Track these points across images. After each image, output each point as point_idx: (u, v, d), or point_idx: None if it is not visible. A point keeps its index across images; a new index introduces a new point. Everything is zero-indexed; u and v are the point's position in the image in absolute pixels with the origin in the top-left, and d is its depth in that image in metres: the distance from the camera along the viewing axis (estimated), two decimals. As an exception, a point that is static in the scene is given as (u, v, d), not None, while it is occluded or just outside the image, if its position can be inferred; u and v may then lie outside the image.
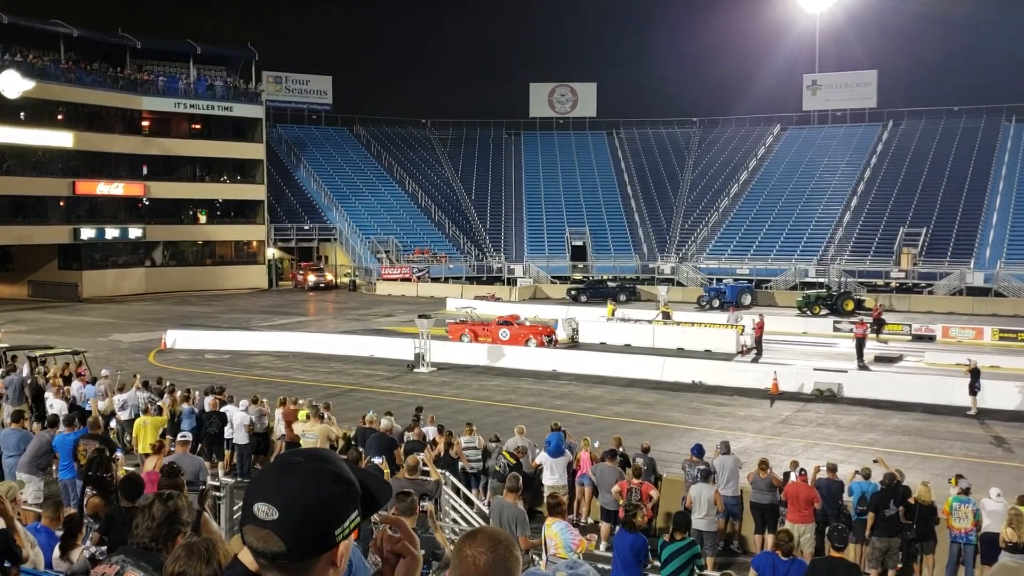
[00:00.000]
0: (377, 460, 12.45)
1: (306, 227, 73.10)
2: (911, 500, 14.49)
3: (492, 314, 44.35)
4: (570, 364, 33.86)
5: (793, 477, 15.14)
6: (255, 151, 71.20)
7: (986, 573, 13.24)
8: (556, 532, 9.45)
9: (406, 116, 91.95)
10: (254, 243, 72.03)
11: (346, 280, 71.00)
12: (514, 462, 16.38)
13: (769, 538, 14.30)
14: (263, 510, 1.82)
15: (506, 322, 39.36)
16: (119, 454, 11.66)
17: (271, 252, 72.53)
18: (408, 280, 67.21)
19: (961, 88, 79.83)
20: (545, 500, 10.28)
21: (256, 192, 71.38)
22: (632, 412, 26.69)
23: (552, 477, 16.42)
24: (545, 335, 38.31)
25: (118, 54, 67.54)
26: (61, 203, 62.85)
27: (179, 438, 13.48)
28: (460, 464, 17.18)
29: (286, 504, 1.82)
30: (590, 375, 32.36)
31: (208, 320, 48.60)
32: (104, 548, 7.00)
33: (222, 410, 19.93)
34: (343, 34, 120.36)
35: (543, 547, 9.73)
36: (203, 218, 70.74)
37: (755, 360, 35.52)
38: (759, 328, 37.02)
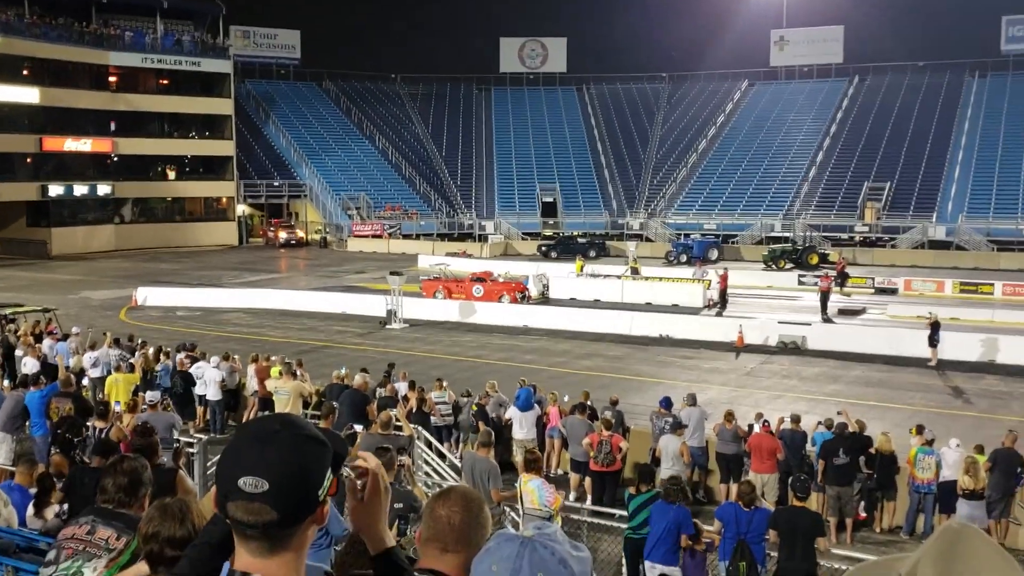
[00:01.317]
0: (359, 428, 12.48)
1: (276, 183, 72.22)
2: (872, 450, 14.77)
3: (465, 271, 44.25)
4: (541, 319, 33.98)
5: (757, 428, 15.36)
6: (223, 107, 70.00)
7: (944, 521, 13.57)
8: (532, 489, 9.54)
9: (375, 71, 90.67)
10: (224, 199, 71.10)
11: (317, 237, 70.31)
12: (475, 410, 16.59)
13: (734, 488, 14.56)
14: (251, 483, 1.82)
15: (480, 279, 39.35)
16: (92, 421, 11.56)
17: (241, 209, 71.70)
18: (379, 237, 66.74)
19: (926, 43, 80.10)
20: (523, 456, 10.32)
21: (225, 148, 70.30)
22: (601, 366, 26.90)
23: (521, 431, 16.54)
24: (518, 291, 38.39)
25: (84, 8, 65.70)
26: (28, 160, 61.54)
27: (147, 399, 13.42)
28: (432, 419, 17.27)
29: (274, 474, 1.82)
30: (560, 330, 32.49)
31: (179, 277, 48.11)
32: (65, 507, 6.98)
33: (193, 368, 19.83)
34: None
35: (519, 501, 9.83)
36: (172, 174, 69.65)
37: (719, 314, 35.86)
38: (723, 280, 37.32)
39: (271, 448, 1.85)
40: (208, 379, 19.58)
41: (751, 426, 16.03)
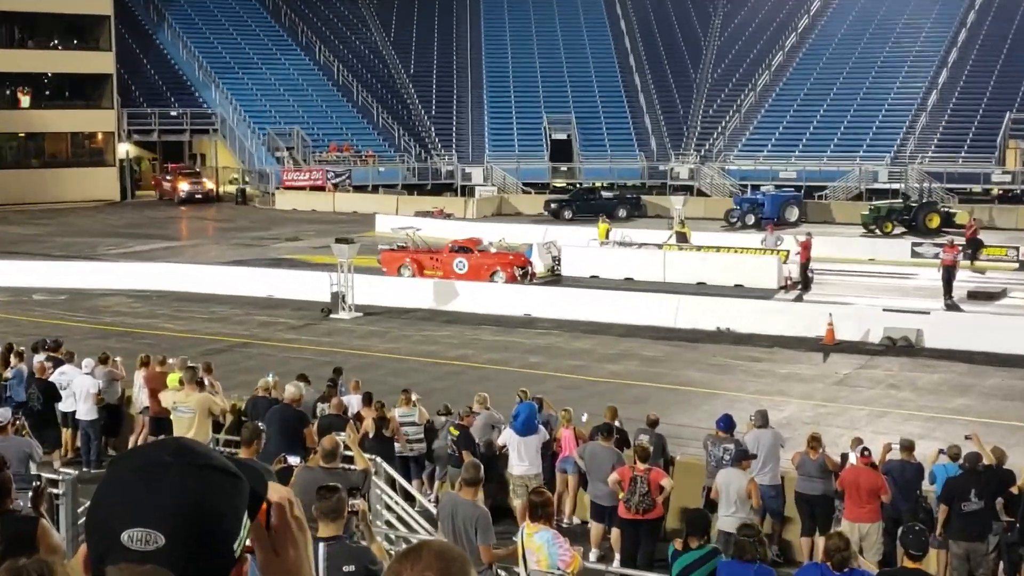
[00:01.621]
0: (294, 460, 12.47)
1: (174, 113, 72.22)
2: (1014, 489, 14.81)
3: (443, 237, 44.39)
4: (549, 306, 34.12)
5: (853, 459, 15.39)
6: (99, 4, 69.70)
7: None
8: (541, 545, 9.56)
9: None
10: (100, 136, 71.07)
11: (232, 189, 70.43)
12: (456, 434, 16.65)
13: (820, 542, 14.60)
14: (139, 537, 1.81)
15: (463, 248, 39.47)
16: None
17: (124, 149, 71.61)
18: (321, 189, 66.92)
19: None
20: (526, 499, 10.37)
21: (101, 63, 70.05)
22: (634, 372, 27.00)
23: (521, 464, 16.56)
24: (517, 266, 38.51)
25: None
26: None
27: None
28: (397, 446, 17.32)
29: (171, 524, 1.82)
30: (577, 321, 32.62)
31: (37, 246, 48.05)
32: None
33: (56, 376, 19.81)
34: None
35: (520, 561, 9.86)
36: (25, 100, 69.46)
37: (801, 297, 35.92)
38: (805, 250, 37.42)
39: (165, 487, 1.84)
40: (78, 390, 19.50)
41: (845, 456, 16.07)
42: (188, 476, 1.86)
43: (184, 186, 68.37)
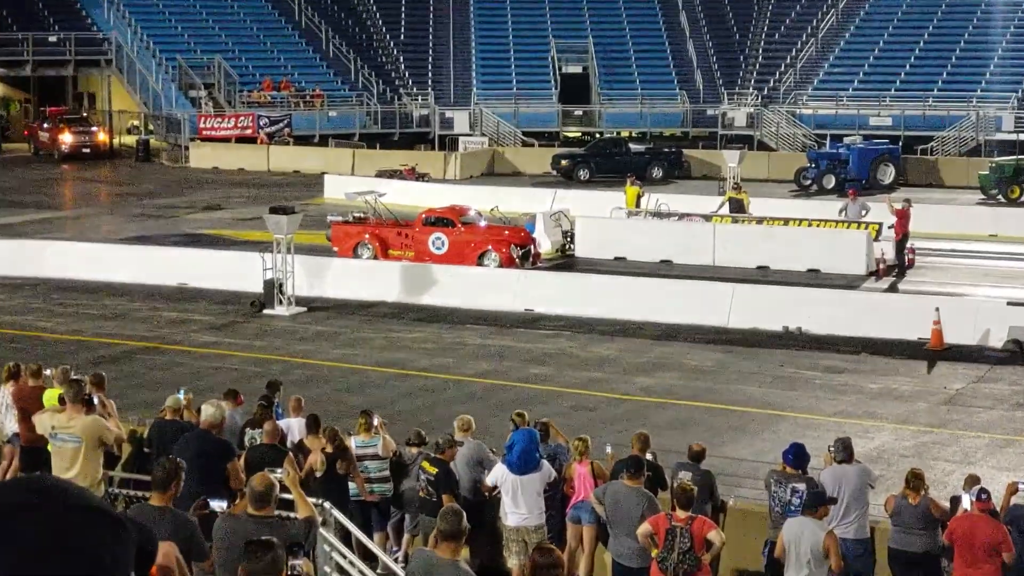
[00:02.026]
0: (217, 504, 12.42)
1: (53, 39, 72.08)
2: None
3: (415, 205, 44.36)
4: (558, 298, 34.16)
5: (967, 504, 15.38)
6: None
7: None
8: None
9: None
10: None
11: (132, 141, 70.33)
12: (434, 472, 16.59)
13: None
14: None
15: (441, 220, 39.44)
16: None
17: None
18: (251, 141, 66.98)
19: None
20: (526, 559, 10.36)
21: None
22: (672, 386, 27.02)
23: (518, 511, 16.52)
24: (514, 244, 38.48)
25: None
26: None
27: None
28: (353, 487, 17.29)
29: (35, 574, 1.86)
30: (595, 319, 32.69)
31: None
32: None
33: None
34: None
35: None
36: None
37: (896, 286, 35.98)
38: (902, 221, 37.26)
39: (28, 535, 1.86)
40: (-75, 412, 19.50)
41: (956, 500, 16.05)
42: (58, 520, 1.87)
43: (67, 137, 68.31)
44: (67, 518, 1.93)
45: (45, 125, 70.34)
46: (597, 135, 68.35)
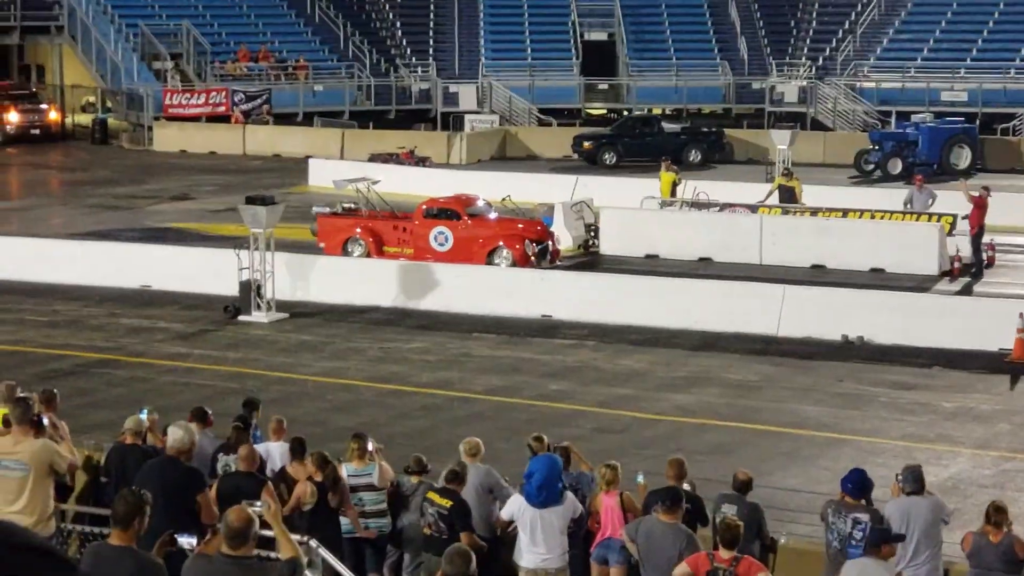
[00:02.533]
0: (186, 541, 12.38)
1: (-4, 3, 72.19)
2: None
3: (414, 194, 44.42)
4: (580, 302, 34.16)
5: (1058, 543, 15.34)
6: None
7: None
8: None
9: None
10: None
11: (88, 120, 70.36)
12: (447, 504, 16.50)
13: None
14: None
15: (445, 212, 39.43)
16: None
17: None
18: (225, 120, 67.15)
19: None
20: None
21: None
22: (714, 406, 26.97)
23: (536, 550, 16.50)
24: (529, 239, 38.48)
25: None
26: None
27: None
28: (345, 522, 17.26)
29: None
30: (623, 326, 32.72)
31: None
32: None
33: None
34: None
35: None
36: None
37: (972, 287, 35.92)
38: (978, 211, 36.99)
39: None
40: None
41: (1044, 538, 16.01)
42: None
43: (13, 116, 68.42)
44: (8, 561, 1.94)
45: (-14, 103, 70.26)
46: (625, 112, 68.29)
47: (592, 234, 41.37)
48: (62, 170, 60.35)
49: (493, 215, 40.31)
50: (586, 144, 59.84)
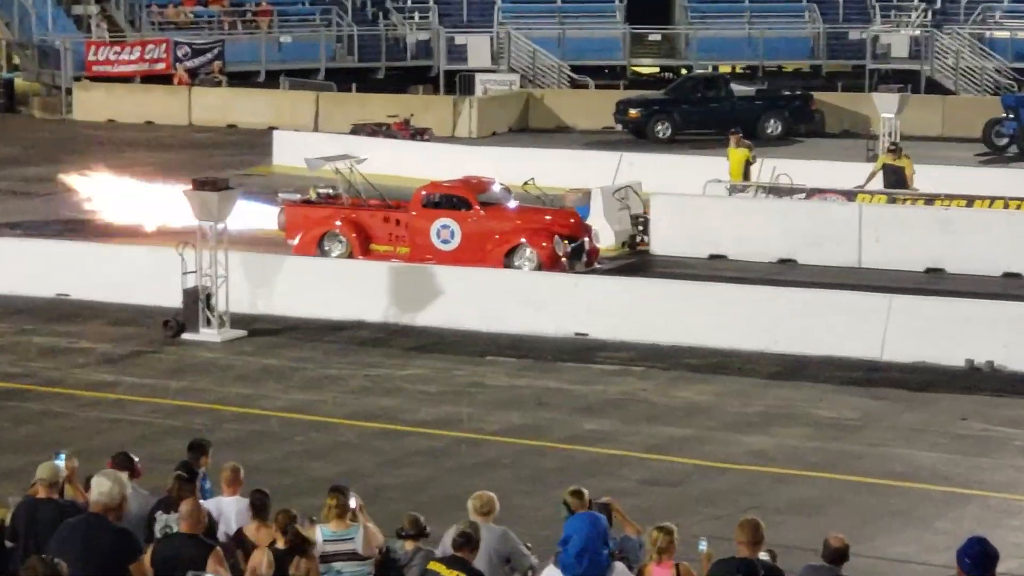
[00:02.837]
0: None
1: None
2: None
3: (409, 177, 44.55)
4: (625, 316, 34.16)
5: None
6: None
7: None
8: None
9: None
10: None
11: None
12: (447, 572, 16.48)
13: None
14: None
15: (450, 200, 39.49)
16: None
17: None
18: (166, 80, 67.33)
19: None
20: None
21: None
22: (797, 450, 26.89)
23: (576, 637, 16.52)
24: (560, 235, 38.51)
25: None
26: None
27: None
28: (318, 600, 17.28)
29: None
30: (678, 347, 32.80)
31: None
32: None
33: None
34: None
35: None
36: None
37: None
38: None
39: None
40: None
41: None
42: None
43: None
44: None
45: None
46: (683, 72, 68.32)
47: (640, 228, 41.31)
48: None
49: (513, 204, 40.38)
50: (632, 112, 60.00)
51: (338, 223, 39.51)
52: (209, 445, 20.48)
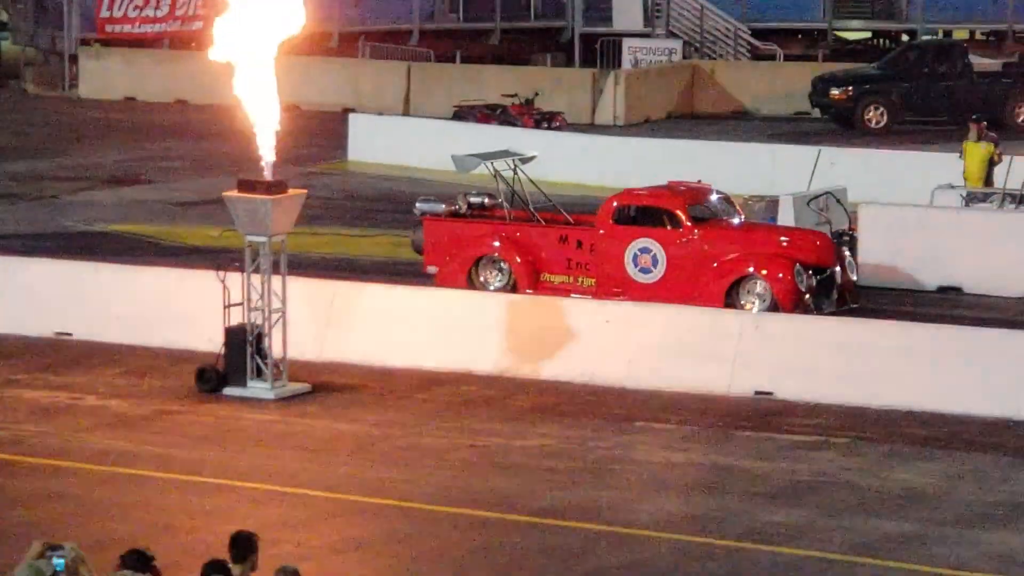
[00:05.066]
0: None
1: None
2: None
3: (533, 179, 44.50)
4: (821, 369, 34.16)
5: None
6: None
7: None
8: None
9: None
10: None
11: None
12: None
13: None
14: None
15: (651, 214, 39.57)
16: None
17: None
18: (202, 33, 67.32)
19: None
20: None
21: None
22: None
23: None
24: (804, 262, 38.40)
25: None
26: None
27: None
28: None
29: None
30: (896, 410, 32.71)
31: None
32: None
33: None
34: None
35: None
36: None
37: None
38: None
39: None
40: None
41: None
42: None
43: None
44: None
45: None
46: (903, 38, 68.36)
47: (845, 249, 41.18)
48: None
49: (737, 219, 40.46)
50: (836, 92, 60.21)
51: (497, 243, 39.61)
52: (256, 540, 20.56)
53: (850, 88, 59.84)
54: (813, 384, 33.65)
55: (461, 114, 55.51)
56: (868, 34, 70.72)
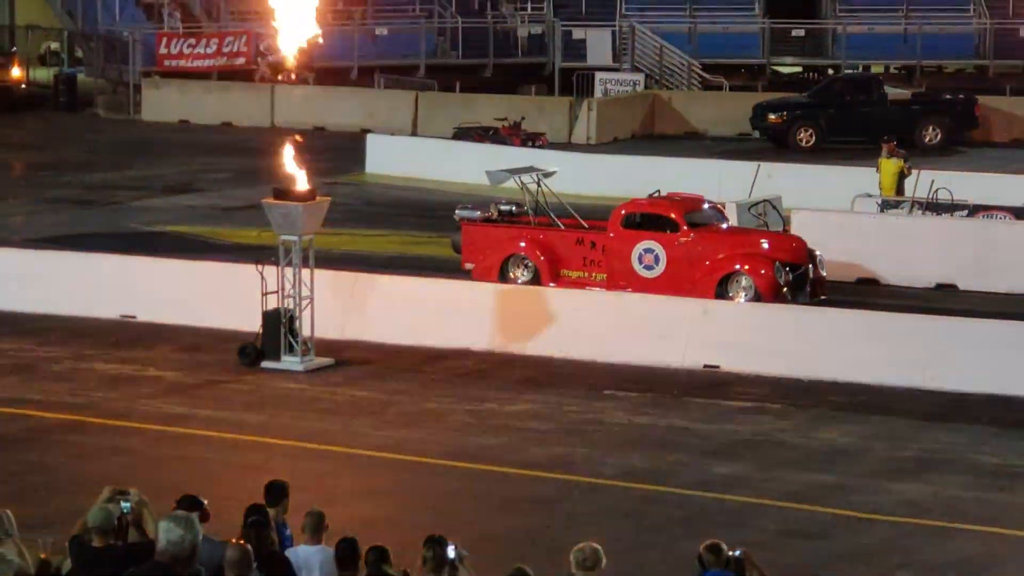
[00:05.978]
0: None
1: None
2: None
3: (561, 188, 43.87)
4: (760, 347, 34.18)
5: None
6: None
7: None
8: None
9: None
10: None
11: (48, 76, 71.01)
12: None
13: None
14: None
15: (655, 220, 39.68)
16: None
17: None
18: (246, 76, 67.43)
19: None
20: None
21: None
22: (957, 500, 26.63)
23: None
24: (782, 260, 38.41)
25: None
26: None
27: None
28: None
29: None
30: (820, 381, 32.83)
31: None
32: None
33: None
34: None
35: None
36: None
37: None
38: None
39: None
40: None
41: None
42: None
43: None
44: None
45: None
46: (830, 72, 68.21)
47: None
48: (10, 148, 60.54)
49: (726, 225, 40.66)
50: (772, 117, 60.20)
51: (523, 244, 39.90)
52: (287, 488, 20.48)
53: (784, 113, 59.94)
54: (752, 359, 33.71)
55: (460, 135, 55.51)
56: (800, 68, 70.46)
